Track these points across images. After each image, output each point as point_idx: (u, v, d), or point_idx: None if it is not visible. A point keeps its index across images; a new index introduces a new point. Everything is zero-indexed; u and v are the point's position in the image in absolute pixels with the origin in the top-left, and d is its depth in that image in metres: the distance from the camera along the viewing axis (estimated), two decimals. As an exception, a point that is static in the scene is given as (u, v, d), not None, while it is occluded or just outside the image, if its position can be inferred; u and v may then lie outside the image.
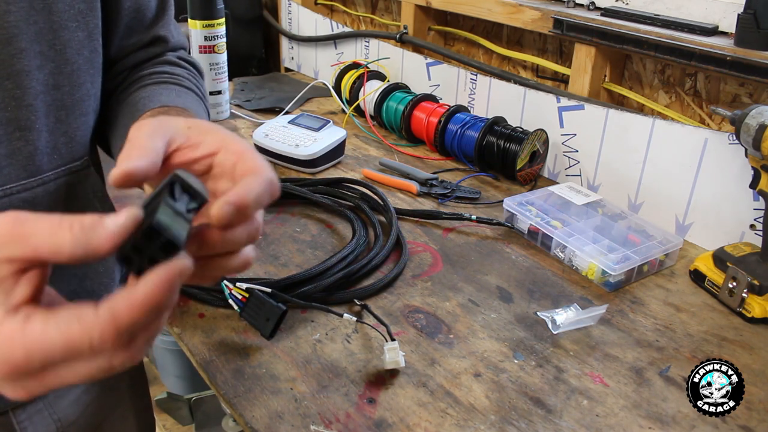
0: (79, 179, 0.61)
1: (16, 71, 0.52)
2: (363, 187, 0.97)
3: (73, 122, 0.59)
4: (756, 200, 0.84)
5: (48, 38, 0.55)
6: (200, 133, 0.44)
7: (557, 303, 0.77)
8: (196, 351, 0.67)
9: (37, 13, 0.53)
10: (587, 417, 0.61)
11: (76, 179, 0.61)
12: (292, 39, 1.69)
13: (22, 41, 0.53)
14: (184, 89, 0.67)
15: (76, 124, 0.59)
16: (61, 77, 0.57)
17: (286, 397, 0.61)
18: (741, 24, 0.85)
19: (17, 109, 0.53)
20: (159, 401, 1.54)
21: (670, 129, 0.93)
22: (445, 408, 0.61)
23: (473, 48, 1.38)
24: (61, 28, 0.55)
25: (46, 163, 0.57)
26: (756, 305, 0.75)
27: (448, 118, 1.15)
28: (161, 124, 0.44)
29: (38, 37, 0.54)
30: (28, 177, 0.56)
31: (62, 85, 0.57)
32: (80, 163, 0.61)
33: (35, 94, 0.54)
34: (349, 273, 0.77)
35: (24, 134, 0.54)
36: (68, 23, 0.56)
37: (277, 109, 1.38)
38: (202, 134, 0.44)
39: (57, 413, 0.69)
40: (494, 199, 1.03)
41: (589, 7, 1.08)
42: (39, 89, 0.55)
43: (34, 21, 0.53)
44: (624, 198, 1.01)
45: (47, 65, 0.55)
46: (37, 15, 0.53)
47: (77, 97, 0.59)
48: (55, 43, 0.55)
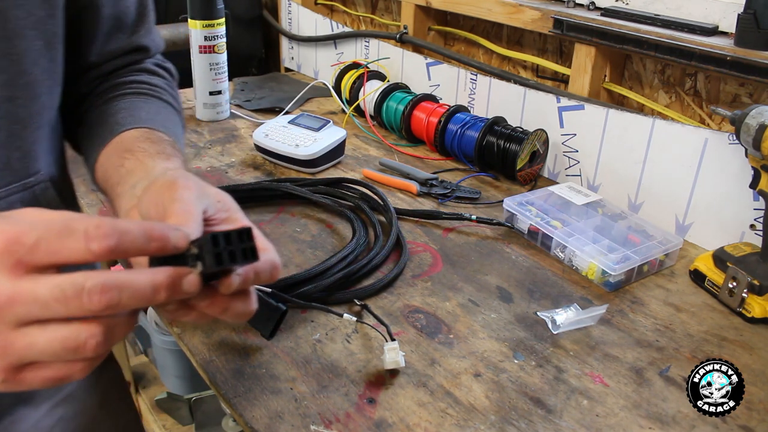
0: (35, 195, 0.59)
1: None
2: (363, 187, 0.97)
3: (29, 136, 0.56)
4: (756, 200, 0.84)
5: (1, 47, 0.51)
6: (225, 210, 0.49)
7: (557, 303, 0.77)
8: (196, 351, 0.67)
9: None
10: (587, 417, 0.61)
11: (30, 195, 0.58)
12: (292, 39, 1.69)
13: None
14: (163, 103, 0.67)
15: (31, 138, 0.56)
16: (15, 89, 0.53)
17: (286, 397, 0.61)
18: (741, 24, 0.85)
19: None
20: (159, 401, 1.54)
21: (670, 129, 0.93)
22: (445, 408, 0.61)
23: (473, 48, 1.38)
24: (16, 36, 0.52)
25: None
26: (756, 305, 0.75)
27: (448, 118, 1.15)
28: (202, 192, 0.47)
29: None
30: None
31: (17, 97, 0.54)
32: (34, 178, 0.58)
33: None
34: (349, 273, 0.77)
35: None
36: (25, 31, 0.53)
37: (277, 109, 1.38)
38: (227, 212, 0.49)
39: None
40: (494, 199, 1.03)
41: (589, 7, 1.08)
42: None
43: None
44: (624, 198, 1.01)
45: (0, 76, 0.52)
46: None
47: (34, 110, 0.56)
48: (9, 52, 0.52)
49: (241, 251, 0.40)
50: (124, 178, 0.55)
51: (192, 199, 0.45)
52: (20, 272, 0.35)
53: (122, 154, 0.57)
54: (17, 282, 0.35)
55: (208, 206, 0.47)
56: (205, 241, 0.39)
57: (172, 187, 0.46)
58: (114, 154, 0.58)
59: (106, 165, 0.59)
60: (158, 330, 1.47)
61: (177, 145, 0.62)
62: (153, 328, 1.47)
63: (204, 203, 0.46)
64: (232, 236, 0.39)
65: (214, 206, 0.47)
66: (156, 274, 0.37)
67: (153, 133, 0.60)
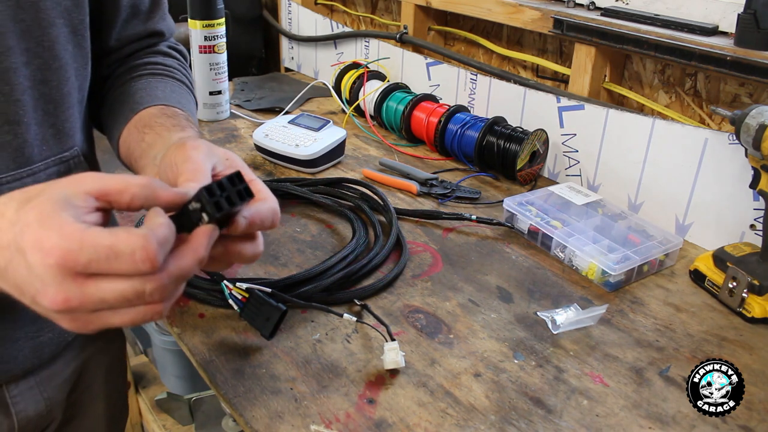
0: (69, 168, 0.64)
1: (4, 68, 0.55)
2: (363, 187, 0.97)
3: (61, 115, 0.62)
4: (756, 200, 0.84)
5: (35, 35, 0.57)
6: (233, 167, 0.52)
7: (557, 303, 0.77)
8: (196, 351, 0.67)
9: (24, 11, 0.55)
10: (587, 417, 0.61)
11: (66, 168, 0.64)
12: (292, 39, 1.69)
13: (9, 39, 0.55)
14: (177, 82, 0.73)
15: (63, 117, 0.62)
16: (49, 72, 0.59)
17: (286, 397, 0.61)
18: (741, 24, 0.85)
19: (5, 104, 0.56)
20: (159, 401, 1.54)
21: (670, 129, 0.93)
22: (445, 408, 0.61)
23: (473, 48, 1.38)
24: (48, 25, 0.58)
25: (36, 154, 0.60)
26: (756, 305, 0.75)
27: (448, 118, 1.15)
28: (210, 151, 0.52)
29: (25, 35, 0.56)
30: (18, 168, 0.58)
31: (50, 80, 0.60)
32: (69, 153, 0.64)
33: (23, 89, 0.57)
34: (349, 273, 0.77)
35: (13, 128, 0.57)
36: (55, 20, 0.58)
37: (277, 109, 1.38)
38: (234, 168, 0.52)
39: (47, 392, 0.72)
40: (494, 199, 1.03)
41: (589, 7, 1.08)
42: (26, 84, 0.57)
43: (21, 19, 0.55)
44: (624, 198, 1.01)
45: (34, 61, 0.58)
46: (24, 13, 0.56)
47: (65, 91, 0.62)
48: (42, 39, 0.58)
49: (236, 193, 0.44)
50: (146, 151, 0.60)
51: (201, 158, 0.50)
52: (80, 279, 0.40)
53: (142, 130, 0.63)
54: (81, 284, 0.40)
55: (217, 163, 0.51)
56: (201, 194, 0.43)
57: (182, 148, 0.51)
58: (135, 131, 0.64)
59: (129, 141, 0.65)
60: (158, 330, 1.47)
61: (191, 118, 0.68)
62: (153, 328, 1.47)
63: (212, 161, 0.51)
64: (224, 183, 0.43)
65: (222, 163, 0.52)
66: (197, 252, 0.43)
67: (169, 109, 0.66)
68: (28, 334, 0.66)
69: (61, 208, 0.40)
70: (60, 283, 0.39)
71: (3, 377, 0.67)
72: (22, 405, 0.69)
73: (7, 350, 0.65)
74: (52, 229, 0.39)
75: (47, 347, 0.69)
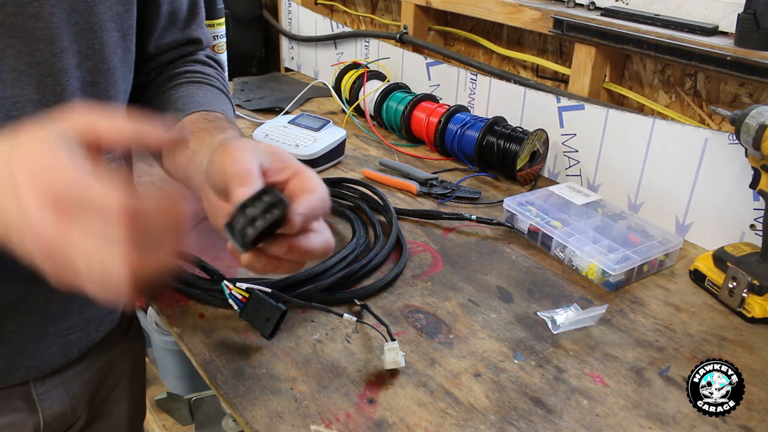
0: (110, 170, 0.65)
1: (57, 69, 0.56)
2: (363, 187, 0.97)
3: None
4: (756, 200, 0.84)
5: (87, 38, 0.58)
6: (280, 161, 0.52)
7: (557, 303, 0.77)
8: (196, 351, 0.67)
9: (78, 14, 0.57)
10: (587, 417, 0.61)
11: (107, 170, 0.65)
12: (292, 39, 1.69)
13: (64, 41, 0.56)
14: (216, 90, 0.74)
15: None
16: (98, 75, 0.61)
17: (286, 397, 0.61)
18: (741, 24, 0.85)
19: (57, 104, 0.57)
20: (159, 401, 1.54)
21: (670, 129, 0.93)
22: (445, 408, 0.61)
23: (473, 48, 1.38)
24: (100, 28, 0.59)
25: None
26: (756, 305, 0.75)
27: (448, 118, 1.15)
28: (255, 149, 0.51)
29: (78, 37, 0.57)
30: None
31: (99, 83, 0.61)
32: (111, 155, 0.66)
33: (73, 90, 0.58)
34: (349, 273, 0.77)
35: None
36: (107, 24, 0.60)
37: (277, 109, 1.38)
38: (281, 162, 0.52)
39: (72, 390, 0.73)
40: (494, 199, 1.03)
41: (589, 7, 1.08)
42: (77, 86, 0.59)
43: (75, 22, 0.57)
44: (624, 198, 1.01)
45: (85, 63, 0.59)
46: (78, 16, 0.57)
47: (111, 94, 0.63)
48: (93, 42, 0.59)
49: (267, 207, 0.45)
50: (191, 158, 0.60)
51: (247, 159, 0.49)
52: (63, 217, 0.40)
53: None
54: None
55: (263, 160, 0.51)
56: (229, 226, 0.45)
57: (227, 151, 0.51)
58: None
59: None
60: (158, 330, 1.47)
61: (231, 119, 0.69)
62: (153, 328, 1.47)
63: (258, 158, 0.50)
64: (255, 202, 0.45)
65: (269, 159, 0.51)
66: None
67: (209, 114, 0.67)
68: (58, 330, 0.67)
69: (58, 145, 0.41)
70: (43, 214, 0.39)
71: (32, 374, 0.68)
72: (48, 403, 0.70)
73: (37, 346, 0.66)
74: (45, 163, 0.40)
75: (75, 346, 0.70)
